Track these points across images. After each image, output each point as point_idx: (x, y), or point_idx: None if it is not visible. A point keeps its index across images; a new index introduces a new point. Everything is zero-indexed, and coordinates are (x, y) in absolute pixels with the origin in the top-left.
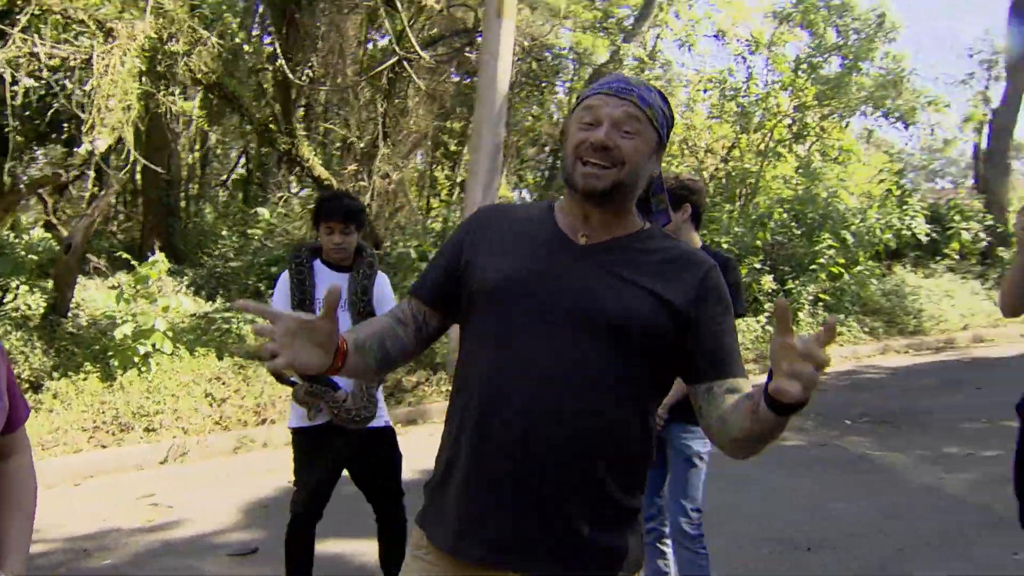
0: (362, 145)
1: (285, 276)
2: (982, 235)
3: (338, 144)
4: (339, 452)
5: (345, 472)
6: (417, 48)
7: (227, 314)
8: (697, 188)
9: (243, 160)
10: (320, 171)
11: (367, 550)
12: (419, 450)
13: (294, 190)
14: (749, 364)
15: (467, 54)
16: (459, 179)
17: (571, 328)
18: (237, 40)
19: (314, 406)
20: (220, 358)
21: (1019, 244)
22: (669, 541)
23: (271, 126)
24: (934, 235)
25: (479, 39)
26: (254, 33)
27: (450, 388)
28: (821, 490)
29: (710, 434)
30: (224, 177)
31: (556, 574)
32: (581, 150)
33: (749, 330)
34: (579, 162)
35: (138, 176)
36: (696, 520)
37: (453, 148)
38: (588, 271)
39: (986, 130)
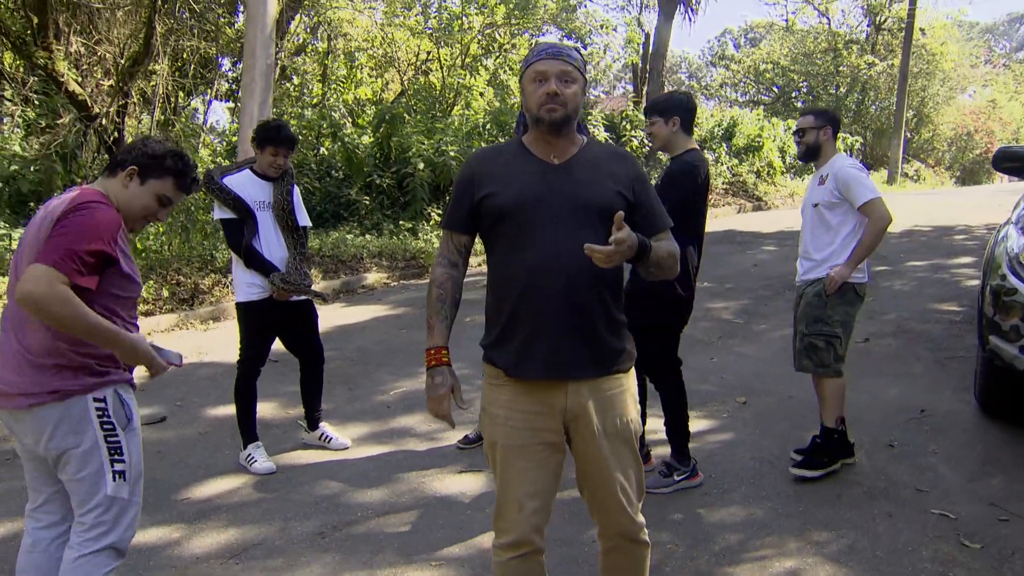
0: (124, 61)
1: (217, 205)
2: (647, 141)
3: (97, 61)
4: (276, 320)
5: None
6: None
7: None
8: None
9: None
10: (75, 87)
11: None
12: (229, 345)
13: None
14: None
15: None
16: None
17: (573, 218)
18: None
19: (284, 287)
20: None
21: None
22: None
23: (27, 39)
24: (611, 141)
25: None
26: None
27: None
28: None
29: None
30: None
31: (595, 375)
32: (541, 98)
33: None
34: (542, 107)
35: None
36: None
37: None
38: (568, 180)
39: (641, 51)
